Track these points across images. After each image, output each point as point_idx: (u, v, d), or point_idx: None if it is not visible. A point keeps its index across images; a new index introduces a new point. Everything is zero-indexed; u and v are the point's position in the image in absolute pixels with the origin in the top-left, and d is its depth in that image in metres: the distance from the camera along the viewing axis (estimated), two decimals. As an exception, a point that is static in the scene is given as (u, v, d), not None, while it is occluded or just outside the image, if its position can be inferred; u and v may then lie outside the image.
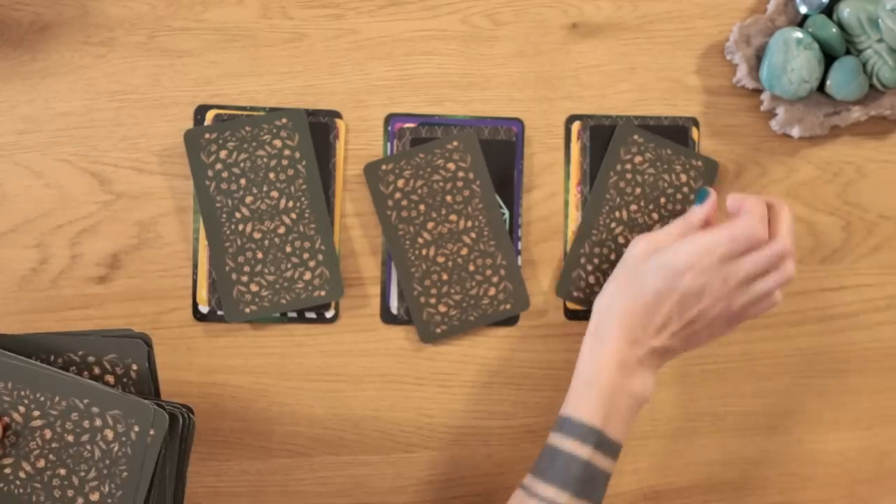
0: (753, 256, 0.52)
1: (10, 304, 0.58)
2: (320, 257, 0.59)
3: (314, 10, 0.60)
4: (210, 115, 0.59)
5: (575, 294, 0.62)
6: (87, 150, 0.58)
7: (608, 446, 0.52)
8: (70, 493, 0.46)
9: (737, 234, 0.52)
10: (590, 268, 0.62)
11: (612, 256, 0.62)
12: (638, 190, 0.62)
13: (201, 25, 0.59)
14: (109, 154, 0.58)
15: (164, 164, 0.59)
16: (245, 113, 0.59)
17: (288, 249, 0.58)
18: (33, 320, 0.58)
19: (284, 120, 0.58)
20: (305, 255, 0.59)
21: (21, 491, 0.46)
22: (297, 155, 0.59)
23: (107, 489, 0.46)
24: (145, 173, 0.59)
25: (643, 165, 0.62)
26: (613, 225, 0.62)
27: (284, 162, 0.58)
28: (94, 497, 0.46)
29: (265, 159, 0.58)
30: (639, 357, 0.53)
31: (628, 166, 0.62)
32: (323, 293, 0.59)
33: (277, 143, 0.58)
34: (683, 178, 0.62)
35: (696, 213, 0.56)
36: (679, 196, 0.62)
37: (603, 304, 0.55)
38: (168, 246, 0.59)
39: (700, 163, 0.62)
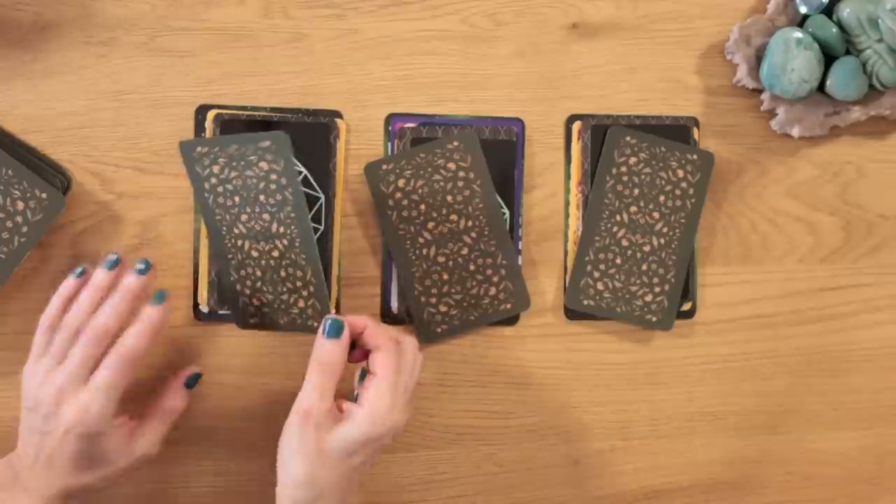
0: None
1: (10, 305, 0.58)
2: (311, 289, 0.58)
3: (315, 10, 0.60)
4: (211, 114, 0.59)
5: (585, 303, 0.62)
6: (89, 149, 0.58)
7: None
8: None
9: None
10: (596, 274, 0.62)
11: (618, 261, 0.62)
12: (636, 191, 0.62)
13: (202, 25, 0.59)
14: (110, 154, 0.59)
15: (164, 163, 0.59)
16: (246, 113, 0.59)
17: (283, 274, 0.58)
18: (34, 320, 0.58)
19: (268, 143, 0.56)
20: (298, 284, 0.58)
21: None
22: (284, 181, 0.57)
23: None
24: (146, 173, 0.59)
25: (639, 166, 0.62)
26: (616, 229, 0.62)
27: (272, 186, 0.57)
28: None
29: (254, 180, 0.57)
30: None
31: (624, 169, 0.62)
32: (315, 324, 0.58)
33: (264, 165, 0.57)
34: (680, 173, 0.62)
35: (331, 353, 0.51)
36: (678, 192, 0.62)
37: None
38: (169, 246, 0.59)
39: (695, 156, 0.62)
